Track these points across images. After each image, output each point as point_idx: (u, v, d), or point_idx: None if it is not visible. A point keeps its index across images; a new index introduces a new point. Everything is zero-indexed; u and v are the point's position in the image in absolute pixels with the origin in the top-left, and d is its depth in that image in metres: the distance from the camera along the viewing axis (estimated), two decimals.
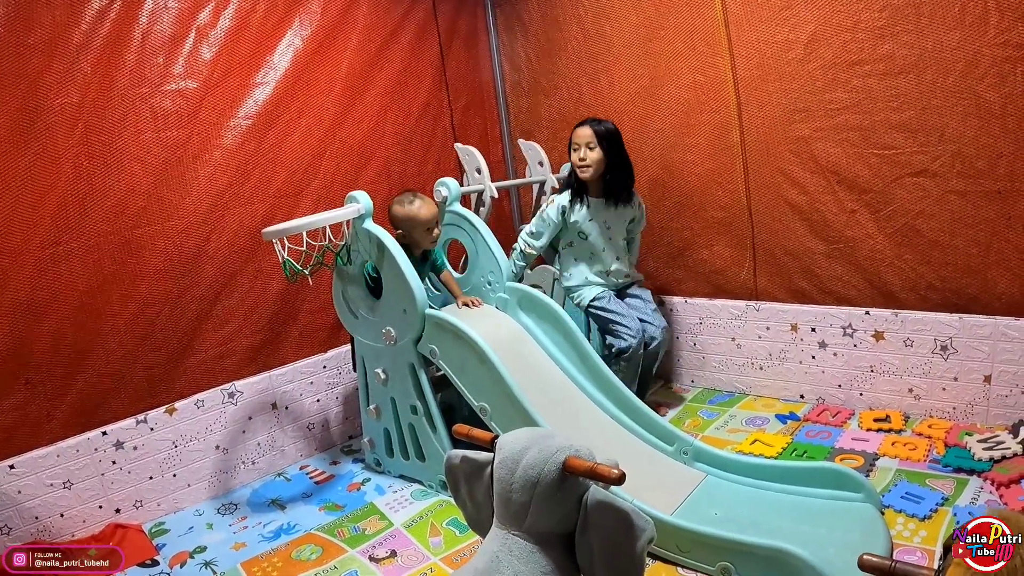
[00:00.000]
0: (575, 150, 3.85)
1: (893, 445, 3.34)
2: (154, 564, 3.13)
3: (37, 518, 3.15)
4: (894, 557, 2.58)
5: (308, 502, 3.53)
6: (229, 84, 3.60)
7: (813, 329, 3.84)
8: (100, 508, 3.33)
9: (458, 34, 4.67)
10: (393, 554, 3.01)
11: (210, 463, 3.66)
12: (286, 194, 3.84)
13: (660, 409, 4.06)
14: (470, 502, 1.99)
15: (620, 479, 1.68)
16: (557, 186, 4.48)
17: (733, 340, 4.17)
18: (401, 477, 3.64)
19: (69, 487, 3.23)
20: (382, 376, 3.47)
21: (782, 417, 3.81)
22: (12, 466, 3.08)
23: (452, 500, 2.42)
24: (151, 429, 3.44)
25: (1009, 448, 3.10)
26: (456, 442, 3.12)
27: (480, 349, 3.12)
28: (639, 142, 4.28)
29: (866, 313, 3.65)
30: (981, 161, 3.21)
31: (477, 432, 1.99)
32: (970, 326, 3.38)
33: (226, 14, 3.55)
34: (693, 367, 4.40)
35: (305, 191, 3.91)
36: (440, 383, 3.46)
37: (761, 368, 4.10)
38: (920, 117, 3.31)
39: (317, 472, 3.85)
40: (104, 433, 3.32)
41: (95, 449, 3.29)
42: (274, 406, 3.86)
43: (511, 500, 1.76)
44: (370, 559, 2.99)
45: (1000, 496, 2.87)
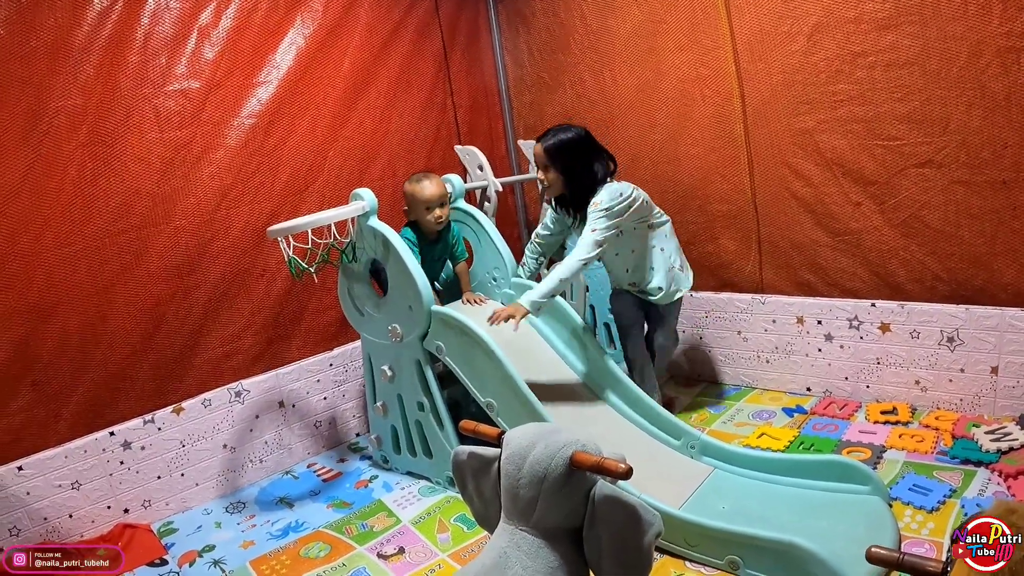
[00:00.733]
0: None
1: (900, 437, 3.34)
2: (163, 563, 3.14)
3: (46, 519, 3.16)
4: (902, 549, 2.58)
5: (316, 500, 3.54)
6: (232, 83, 3.61)
7: (819, 322, 3.84)
8: (108, 508, 3.34)
9: (460, 31, 4.67)
10: (401, 551, 3.01)
11: (218, 462, 3.66)
12: (290, 192, 3.84)
13: (674, 401, 4.06)
14: (477, 498, 1.99)
15: (627, 473, 1.68)
16: None
17: (739, 334, 4.17)
18: (408, 474, 3.65)
19: (77, 488, 3.23)
20: (388, 373, 3.47)
21: (789, 410, 3.80)
22: (20, 468, 3.09)
23: (459, 496, 2.42)
24: (158, 429, 3.45)
25: (1017, 439, 3.09)
26: (463, 438, 3.12)
27: (486, 345, 3.12)
28: (642, 136, 4.27)
29: (872, 305, 3.64)
30: (986, 151, 3.20)
31: (484, 428, 1.99)
32: (976, 317, 3.37)
33: (228, 13, 3.56)
34: (699, 361, 4.39)
35: (309, 189, 3.92)
36: (446, 379, 3.46)
37: (767, 361, 4.10)
38: (924, 108, 3.30)
39: (325, 470, 3.85)
40: (112, 433, 3.33)
41: (103, 450, 3.30)
42: (281, 404, 3.87)
43: (518, 495, 1.76)
44: (378, 556, 3.00)
45: (1008, 488, 2.87)
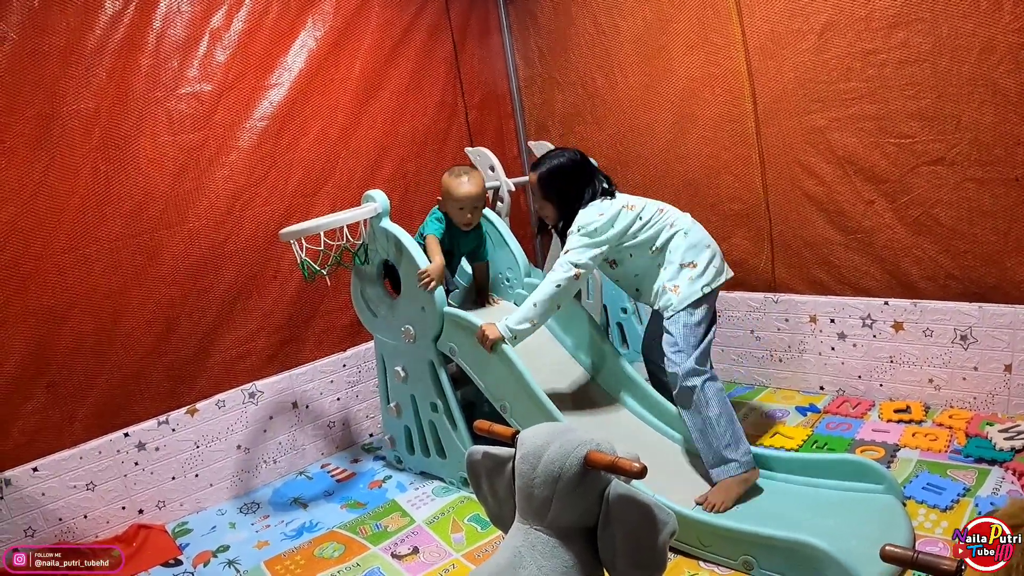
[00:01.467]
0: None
1: (914, 436, 3.33)
2: (178, 564, 3.16)
3: (61, 520, 3.18)
4: (916, 548, 2.58)
5: (330, 500, 3.55)
6: (244, 86, 3.62)
7: (832, 320, 3.83)
8: (123, 509, 3.35)
9: (471, 32, 4.68)
10: (415, 551, 3.02)
11: (232, 463, 3.68)
12: (302, 194, 3.86)
13: None
14: (492, 498, 1.99)
15: (641, 472, 1.67)
16: None
17: (752, 333, 4.16)
18: (422, 474, 3.65)
19: (92, 489, 3.25)
20: (402, 374, 3.48)
21: (802, 409, 3.79)
22: (36, 469, 3.11)
23: (473, 496, 2.42)
24: (173, 430, 3.47)
25: None
26: (477, 438, 3.13)
27: (499, 346, 3.12)
28: (653, 135, 4.27)
29: (885, 303, 3.63)
30: (998, 148, 3.19)
31: (498, 428, 1.99)
32: (990, 315, 3.35)
33: (239, 16, 3.57)
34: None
35: (321, 191, 3.92)
36: (460, 380, 3.46)
37: (780, 360, 4.09)
38: (936, 105, 3.29)
39: (338, 470, 3.86)
40: (126, 435, 3.34)
41: (117, 451, 3.32)
42: (295, 405, 3.88)
43: (533, 495, 1.76)
44: (392, 556, 3.00)
45: (1023, 486, 2.86)
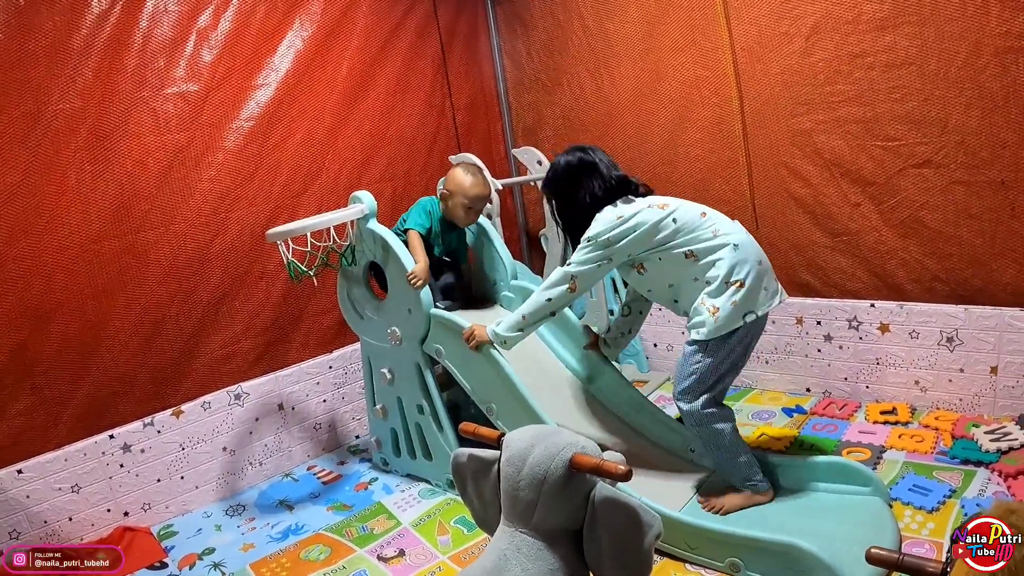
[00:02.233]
0: None
1: (900, 437, 3.33)
2: (163, 567, 3.14)
3: (46, 522, 3.16)
4: (902, 550, 2.58)
5: (316, 502, 3.54)
6: (230, 86, 3.61)
7: (819, 322, 3.84)
8: (108, 511, 3.34)
9: (459, 33, 4.67)
10: (401, 553, 3.01)
11: (217, 465, 3.66)
12: (289, 195, 3.84)
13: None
14: (477, 500, 1.98)
15: (627, 475, 1.67)
16: None
17: None
18: (408, 476, 3.65)
19: (77, 491, 3.23)
20: (388, 376, 3.47)
21: (788, 411, 3.80)
22: (20, 471, 3.09)
23: (459, 498, 2.42)
24: (158, 432, 3.45)
25: (1016, 439, 3.10)
26: (463, 440, 3.12)
27: (485, 349, 3.12)
28: (641, 137, 4.28)
29: (871, 306, 3.64)
30: (985, 151, 3.20)
31: (484, 430, 1.99)
32: (976, 317, 3.36)
33: (226, 16, 3.56)
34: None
35: (308, 192, 3.91)
36: (446, 382, 3.46)
37: (767, 362, 4.09)
38: (923, 108, 3.30)
39: (324, 472, 3.85)
40: (111, 436, 3.33)
41: (102, 453, 3.30)
42: (280, 407, 3.86)
43: (518, 498, 1.76)
44: (378, 558, 3.00)
45: (1008, 488, 2.87)
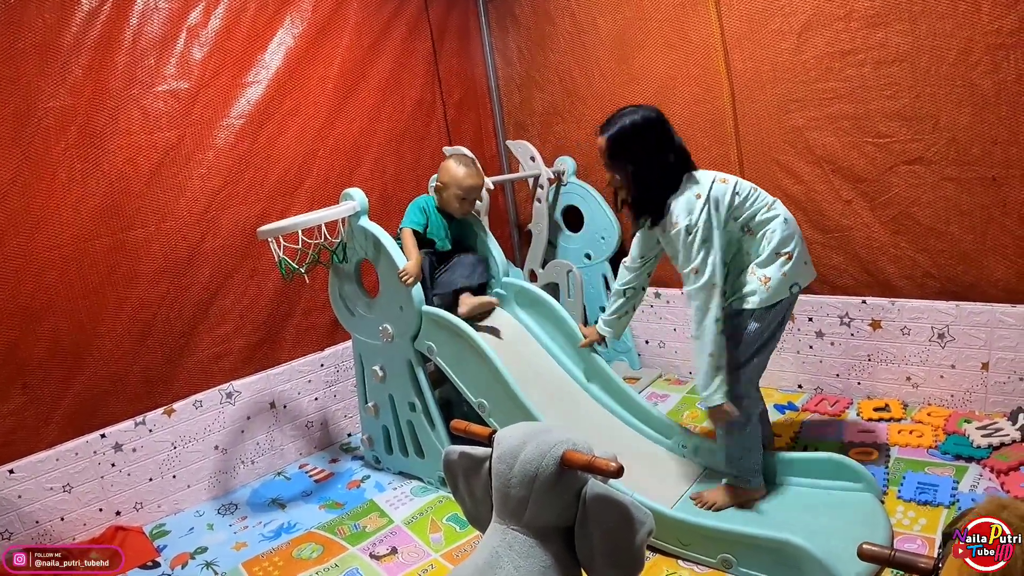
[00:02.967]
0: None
1: (900, 433, 3.34)
2: (155, 566, 3.13)
3: (38, 522, 3.15)
4: (894, 545, 2.59)
5: (308, 501, 3.54)
6: (221, 84, 3.59)
7: (810, 319, 3.84)
8: (100, 511, 3.33)
9: (450, 30, 4.66)
10: (394, 551, 3.01)
11: (209, 464, 3.66)
12: (280, 193, 3.83)
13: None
14: (469, 498, 1.98)
15: (618, 472, 1.67)
16: (552, 178, 4.47)
17: None
18: (400, 474, 3.65)
19: (69, 491, 3.22)
20: (380, 373, 3.47)
21: (780, 407, 3.80)
22: (11, 471, 3.08)
23: (451, 496, 2.41)
24: (150, 431, 3.44)
25: (1008, 435, 3.11)
26: (455, 438, 3.12)
27: (477, 345, 3.12)
28: None
29: (863, 302, 3.65)
30: (976, 148, 3.21)
31: (475, 427, 1.99)
32: (967, 313, 3.37)
33: (217, 13, 3.55)
34: (691, 358, 4.36)
35: (299, 190, 3.90)
36: (438, 379, 3.46)
37: None
38: (914, 105, 3.30)
39: (316, 471, 3.85)
40: (103, 436, 3.32)
41: (94, 452, 3.29)
42: (272, 405, 3.86)
43: (510, 495, 1.76)
44: (371, 556, 3.00)
45: (1001, 483, 2.88)
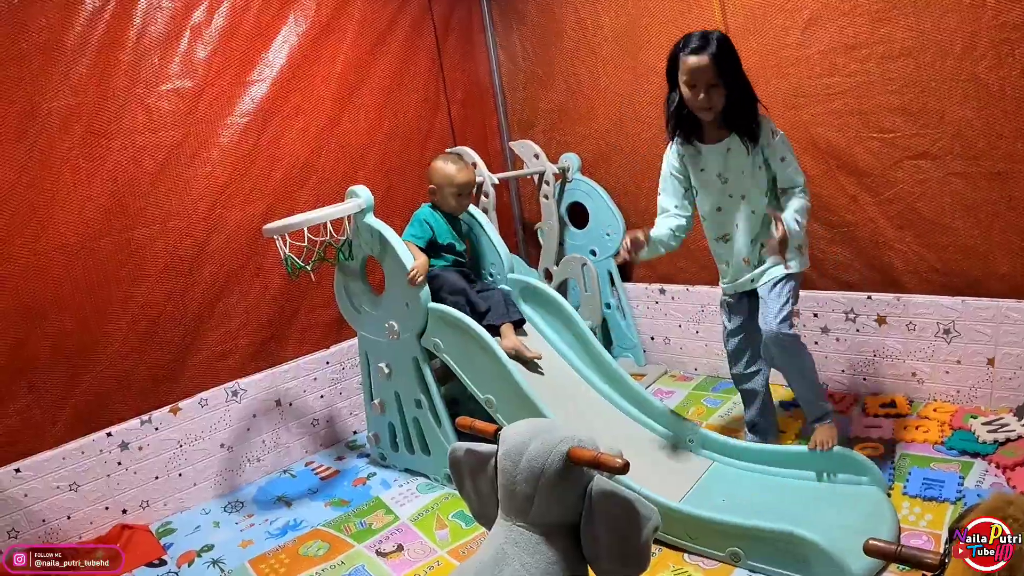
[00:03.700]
0: (691, 87, 2.74)
1: (905, 429, 3.33)
2: (162, 564, 3.14)
3: (44, 521, 3.15)
4: (901, 540, 2.58)
5: (314, 498, 3.54)
6: (225, 82, 3.60)
7: (815, 315, 3.83)
8: (107, 509, 3.33)
9: (453, 27, 4.66)
10: (400, 548, 3.01)
11: (215, 462, 3.66)
12: (285, 191, 3.84)
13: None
14: (475, 495, 1.98)
15: (624, 468, 1.67)
16: (556, 174, 4.47)
17: None
18: (406, 471, 3.65)
19: (75, 489, 3.23)
20: (386, 370, 3.47)
21: (786, 404, 3.79)
22: (18, 470, 3.08)
23: (457, 493, 2.42)
24: (156, 429, 3.45)
25: (1014, 430, 3.10)
26: (460, 435, 3.12)
27: (484, 342, 3.12)
28: (636, 130, 4.27)
29: (868, 298, 3.64)
30: (981, 143, 3.20)
31: (480, 424, 1.99)
32: (973, 309, 3.36)
33: (220, 12, 3.55)
34: (696, 355, 4.39)
35: (304, 187, 3.91)
36: (444, 376, 3.46)
37: None
38: (919, 100, 3.30)
39: (322, 468, 3.85)
40: (109, 434, 3.32)
41: (100, 451, 3.30)
42: (278, 403, 3.86)
43: (515, 492, 1.76)
44: (377, 553, 3.00)
45: (1008, 479, 2.87)
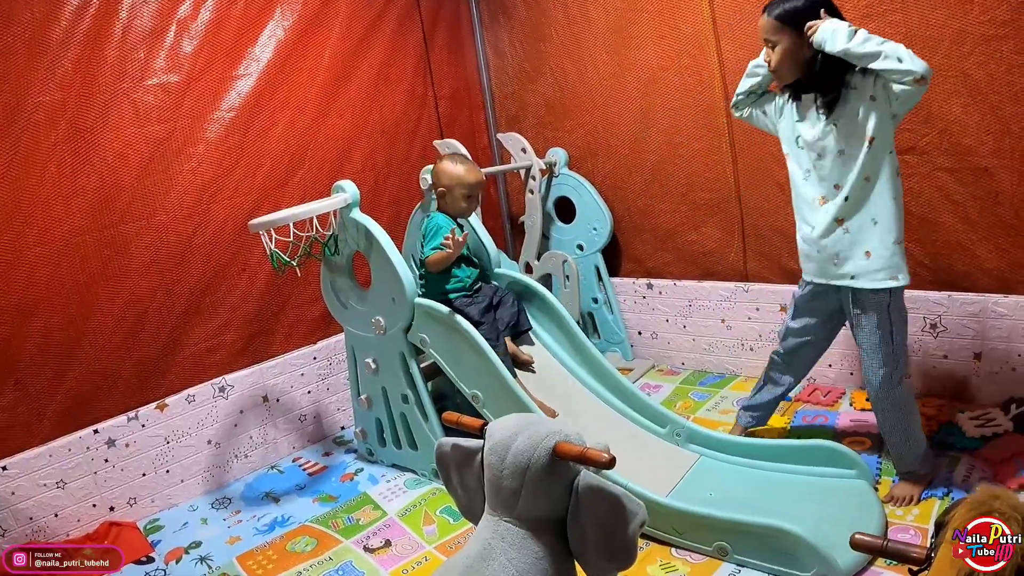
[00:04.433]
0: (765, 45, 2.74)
1: None
2: (150, 561, 3.13)
3: (32, 519, 3.14)
4: (888, 534, 2.60)
5: (302, 494, 3.53)
6: (211, 77, 3.58)
7: None
8: (94, 507, 3.32)
9: (441, 22, 4.65)
10: (387, 544, 3.01)
11: (203, 458, 3.65)
12: (271, 186, 3.82)
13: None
14: (461, 490, 1.98)
15: (610, 463, 1.67)
16: (544, 169, 4.47)
17: (723, 322, 4.17)
18: (394, 466, 3.64)
19: (62, 487, 3.21)
20: (372, 366, 3.46)
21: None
22: (4, 467, 3.07)
23: (444, 488, 2.42)
24: (142, 426, 3.43)
25: (1000, 425, 3.11)
26: (448, 430, 3.12)
27: (471, 337, 3.12)
28: (624, 125, 4.28)
29: None
30: (968, 138, 3.21)
31: (467, 419, 1.99)
32: (959, 304, 3.38)
33: (207, 6, 3.53)
34: (683, 349, 4.40)
35: (290, 182, 3.89)
36: (432, 371, 3.46)
37: (751, 349, 4.10)
38: None
39: (310, 464, 3.84)
40: (96, 431, 3.30)
41: (87, 448, 3.28)
42: (265, 399, 3.85)
43: (502, 486, 1.76)
44: (365, 549, 3.00)
45: (994, 474, 2.88)
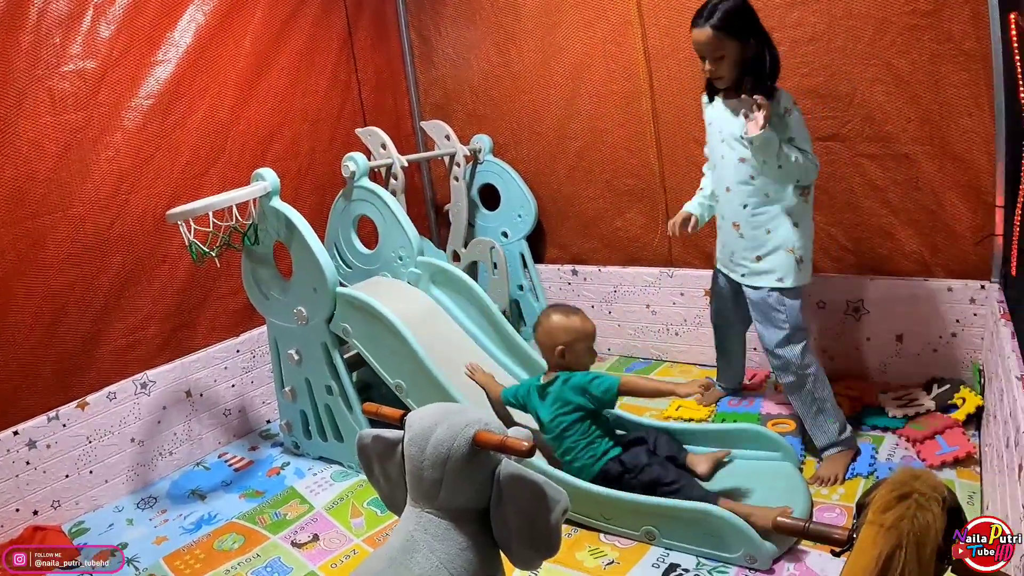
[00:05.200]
0: (700, 58, 2.86)
1: None
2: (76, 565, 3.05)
3: None
4: (813, 514, 2.63)
5: (228, 490, 3.47)
6: (129, 63, 3.48)
7: None
8: (17, 511, 3.21)
9: (366, 6, 4.60)
10: (315, 538, 2.98)
11: (127, 457, 3.56)
12: (191, 175, 3.74)
13: None
14: (384, 481, 1.96)
15: (530, 452, 1.67)
16: (468, 156, 4.43)
17: (648, 307, 4.20)
18: (320, 459, 3.61)
19: None
20: (295, 357, 3.43)
21: None
22: None
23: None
24: (63, 426, 3.33)
25: (923, 405, 3.19)
26: (373, 421, 3.09)
27: (393, 326, 3.10)
28: (549, 111, 4.30)
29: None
30: (890, 125, 3.27)
31: (386, 410, 1.98)
32: (882, 287, 3.44)
33: None
34: (609, 335, 4.41)
35: (211, 171, 3.82)
36: (356, 362, 3.43)
37: (677, 334, 4.13)
38: (830, 83, 3.36)
39: (236, 459, 3.78)
40: (15, 433, 3.20)
41: (7, 450, 3.17)
42: (188, 394, 3.78)
43: (423, 477, 1.74)
44: (292, 544, 2.96)
45: (917, 452, 2.95)
